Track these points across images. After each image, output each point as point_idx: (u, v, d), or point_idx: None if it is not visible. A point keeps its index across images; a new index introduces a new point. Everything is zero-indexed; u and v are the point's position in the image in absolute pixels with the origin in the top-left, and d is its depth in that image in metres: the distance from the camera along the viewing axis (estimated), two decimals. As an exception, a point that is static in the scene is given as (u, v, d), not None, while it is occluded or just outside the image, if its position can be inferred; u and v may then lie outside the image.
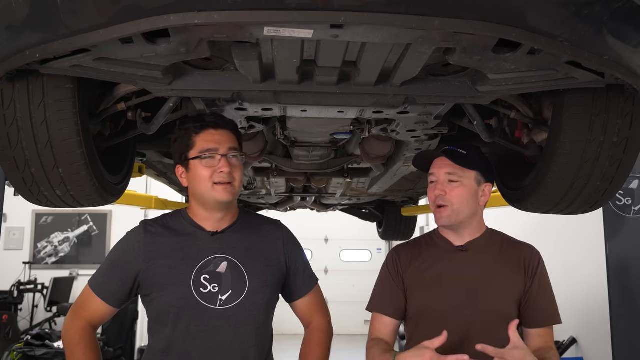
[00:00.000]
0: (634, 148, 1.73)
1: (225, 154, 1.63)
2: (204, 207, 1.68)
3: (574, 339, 5.39)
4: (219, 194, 1.62)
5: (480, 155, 1.76)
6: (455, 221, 1.70)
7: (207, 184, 1.62)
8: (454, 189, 1.68)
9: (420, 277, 1.75)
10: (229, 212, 1.72)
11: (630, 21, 1.21)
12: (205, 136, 1.63)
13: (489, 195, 1.74)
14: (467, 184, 1.69)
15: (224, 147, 1.63)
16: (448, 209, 1.68)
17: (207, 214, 1.69)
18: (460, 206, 1.68)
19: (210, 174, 1.61)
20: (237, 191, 1.67)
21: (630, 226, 3.54)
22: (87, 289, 1.69)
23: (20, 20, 1.19)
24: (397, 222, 5.78)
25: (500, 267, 1.70)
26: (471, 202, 1.69)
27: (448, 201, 1.68)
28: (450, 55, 1.31)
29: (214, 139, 1.63)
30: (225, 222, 1.71)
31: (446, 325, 1.56)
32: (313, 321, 1.80)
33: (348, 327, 9.88)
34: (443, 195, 1.69)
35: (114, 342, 6.42)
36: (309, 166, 2.98)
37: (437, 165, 1.74)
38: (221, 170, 1.61)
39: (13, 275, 8.14)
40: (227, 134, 1.66)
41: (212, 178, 1.61)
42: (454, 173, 1.69)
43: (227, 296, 1.62)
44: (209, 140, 1.63)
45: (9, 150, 1.59)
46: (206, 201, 1.66)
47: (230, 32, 1.17)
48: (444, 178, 1.70)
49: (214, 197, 1.63)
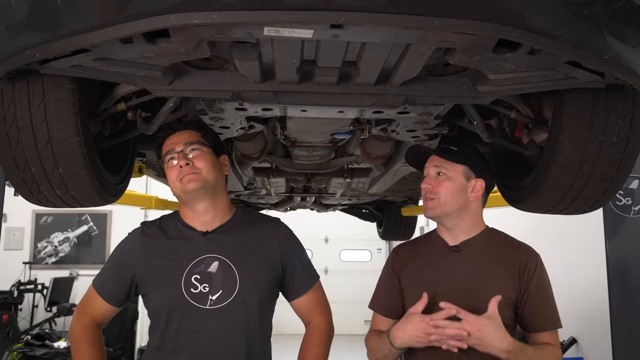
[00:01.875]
0: (634, 148, 1.73)
1: (181, 149, 1.70)
2: (187, 206, 1.75)
3: (574, 339, 5.39)
4: (185, 185, 1.68)
5: (472, 152, 1.81)
6: (440, 213, 1.74)
7: (176, 182, 1.69)
8: (441, 182, 1.74)
9: (417, 277, 1.76)
10: (217, 210, 1.74)
11: (630, 21, 1.21)
12: (167, 142, 1.74)
13: (480, 190, 1.76)
14: (454, 177, 1.73)
15: (179, 145, 1.71)
16: (434, 201, 1.73)
17: (193, 212, 1.74)
18: (446, 198, 1.72)
19: (176, 174, 1.68)
20: (206, 178, 1.69)
21: (630, 226, 3.54)
22: (91, 288, 1.76)
23: (20, 20, 1.19)
24: (397, 222, 5.77)
25: (494, 269, 1.70)
26: (458, 196, 1.72)
27: (435, 193, 1.73)
28: (450, 55, 1.31)
29: (172, 141, 1.73)
30: (216, 221, 1.73)
31: None
32: (312, 320, 1.80)
33: (348, 327, 9.88)
34: (430, 188, 1.75)
35: (114, 342, 6.42)
36: (309, 166, 2.98)
37: (428, 161, 1.80)
38: (180, 165, 1.68)
39: (13, 275, 8.14)
40: (185, 132, 1.74)
41: (178, 175, 1.68)
42: (441, 166, 1.75)
43: (217, 296, 1.64)
44: (168, 144, 1.73)
45: (9, 150, 1.59)
46: (183, 199, 1.73)
47: (231, 32, 1.18)
48: (432, 172, 1.76)
49: (183, 191, 1.69)
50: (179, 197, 1.74)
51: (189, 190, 1.68)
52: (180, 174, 1.68)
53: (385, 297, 1.82)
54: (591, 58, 1.24)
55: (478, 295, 1.64)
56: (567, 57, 1.24)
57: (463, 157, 1.75)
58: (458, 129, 2.19)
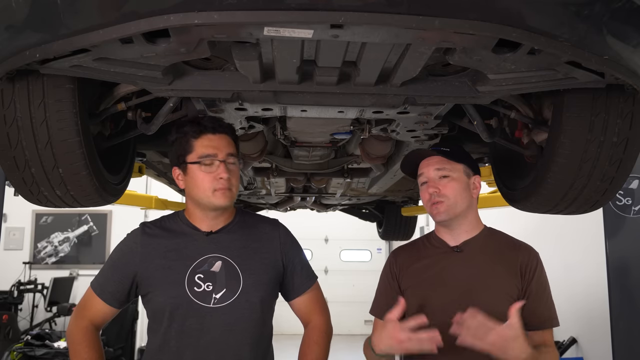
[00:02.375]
0: (634, 148, 1.73)
1: (224, 159, 1.65)
2: (200, 209, 1.71)
3: (574, 339, 5.38)
4: (218, 200, 1.65)
5: (463, 150, 1.82)
6: (453, 214, 1.71)
7: (207, 190, 1.64)
8: (446, 183, 1.70)
9: (417, 279, 1.76)
10: (225, 213, 1.74)
11: (630, 21, 1.21)
12: (204, 141, 1.65)
13: (479, 187, 1.76)
14: (458, 177, 1.71)
15: (222, 153, 1.65)
16: (444, 204, 1.69)
17: (203, 215, 1.72)
18: (455, 199, 1.70)
19: (210, 180, 1.64)
20: (235, 196, 1.70)
21: (630, 226, 3.54)
22: (89, 290, 1.73)
23: (20, 20, 1.19)
24: (397, 222, 5.78)
25: (495, 269, 1.70)
26: (465, 195, 1.72)
27: (443, 196, 1.70)
28: (450, 55, 1.31)
29: (213, 144, 1.65)
30: (220, 222, 1.74)
31: (441, 326, 1.57)
32: (312, 320, 1.81)
33: (348, 327, 9.88)
34: (437, 192, 1.70)
35: (114, 342, 6.41)
36: (309, 166, 2.98)
37: (424, 165, 1.76)
38: (220, 177, 1.63)
39: (13, 275, 8.14)
40: (225, 138, 1.68)
41: (213, 185, 1.63)
42: (443, 168, 1.71)
43: (221, 295, 1.64)
44: (207, 145, 1.65)
45: (9, 150, 1.59)
46: (204, 205, 1.68)
47: (230, 32, 1.17)
48: (434, 175, 1.72)
49: (212, 203, 1.66)
50: (200, 201, 1.68)
51: (218, 205, 1.66)
52: (216, 185, 1.63)
53: (385, 300, 1.80)
54: (591, 58, 1.24)
55: (480, 295, 1.64)
56: (567, 57, 1.24)
57: (459, 155, 1.75)
58: (458, 129, 2.19)
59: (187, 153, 1.66)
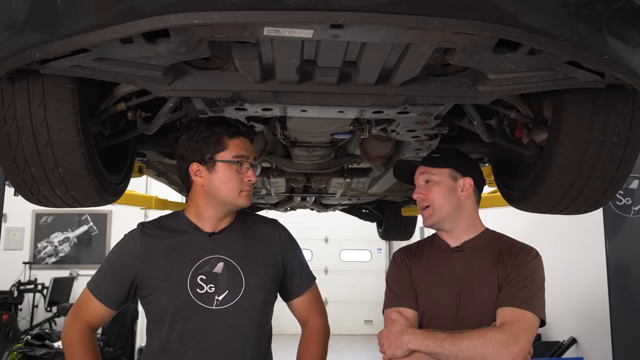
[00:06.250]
0: (634, 148, 1.73)
1: (253, 163, 1.72)
2: (213, 207, 1.70)
3: (574, 339, 5.38)
4: (243, 200, 1.70)
5: (455, 154, 1.84)
6: (438, 218, 1.75)
7: (235, 189, 1.68)
8: (430, 188, 1.77)
9: (421, 279, 1.76)
10: (231, 214, 1.75)
11: (630, 21, 1.21)
12: (239, 142, 1.70)
13: (470, 188, 1.78)
14: (441, 180, 1.77)
15: (252, 157, 1.73)
16: (430, 208, 1.76)
17: (214, 214, 1.71)
18: (439, 202, 1.75)
19: (239, 181, 1.68)
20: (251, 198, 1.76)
21: (630, 226, 3.54)
22: (86, 291, 1.70)
23: (20, 20, 1.19)
24: (397, 222, 5.77)
25: (495, 268, 1.70)
26: (449, 197, 1.75)
27: (427, 200, 1.76)
28: (450, 55, 1.31)
29: (246, 147, 1.71)
30: (224, 223, 1.74)
31: (442, 326, 1.58)
32: (310, 320, 1.81)
33: (348, 327, 9.89)
34: (422, 196, 1.78)
35: (114, 342, 6.42)
36: (309, 166, 2.97)
37: (415, 174, 1.85)
38: (249, 179, 1.69)
39: (13, 275, 8.15)
40: (248, 142, 1.74)
41: (241, 186, 1.68)
42: (426, 173, 1.79)
43: (223, 296, 1.63)
44: (242, 147, 1.70)
45: (9, 150, 1.59)
46: (225, 203, 1.69)
47: (230, 32, 1.17)
48: (420, 181, 1.81)
49: (235, 202, 1.69)
50: (223, 199, 1.68)
51: (240, 205, 1.71)
52: (244, 187, 1.69)
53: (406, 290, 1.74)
54: (591, 58, 1.24)
55: (479, 293, 1.65)
56: (567, 57, 1.24)
57: (446, 160, 1.79)
58: (458, 129, 2.19)
59: (218, 151, 1.67)
